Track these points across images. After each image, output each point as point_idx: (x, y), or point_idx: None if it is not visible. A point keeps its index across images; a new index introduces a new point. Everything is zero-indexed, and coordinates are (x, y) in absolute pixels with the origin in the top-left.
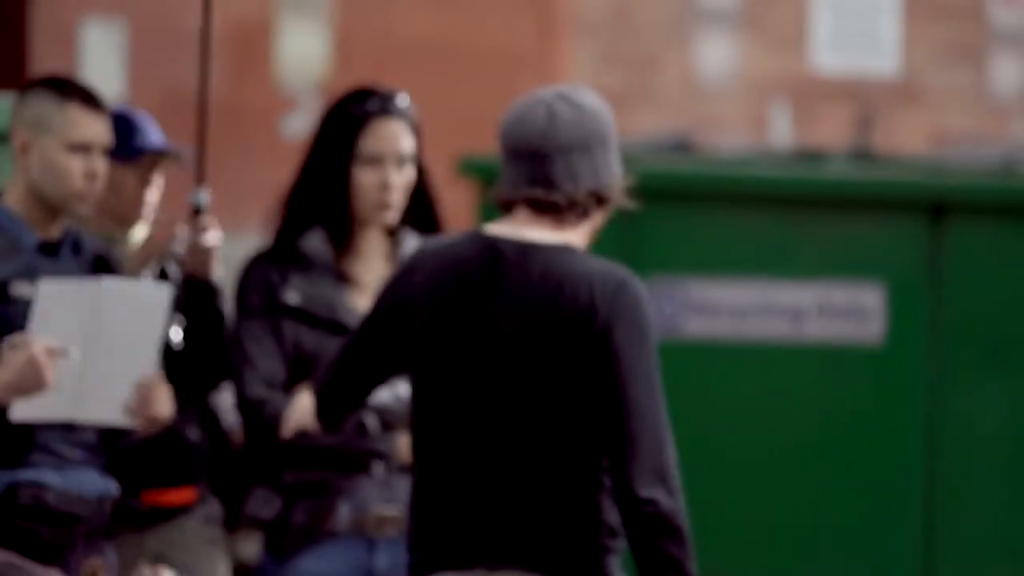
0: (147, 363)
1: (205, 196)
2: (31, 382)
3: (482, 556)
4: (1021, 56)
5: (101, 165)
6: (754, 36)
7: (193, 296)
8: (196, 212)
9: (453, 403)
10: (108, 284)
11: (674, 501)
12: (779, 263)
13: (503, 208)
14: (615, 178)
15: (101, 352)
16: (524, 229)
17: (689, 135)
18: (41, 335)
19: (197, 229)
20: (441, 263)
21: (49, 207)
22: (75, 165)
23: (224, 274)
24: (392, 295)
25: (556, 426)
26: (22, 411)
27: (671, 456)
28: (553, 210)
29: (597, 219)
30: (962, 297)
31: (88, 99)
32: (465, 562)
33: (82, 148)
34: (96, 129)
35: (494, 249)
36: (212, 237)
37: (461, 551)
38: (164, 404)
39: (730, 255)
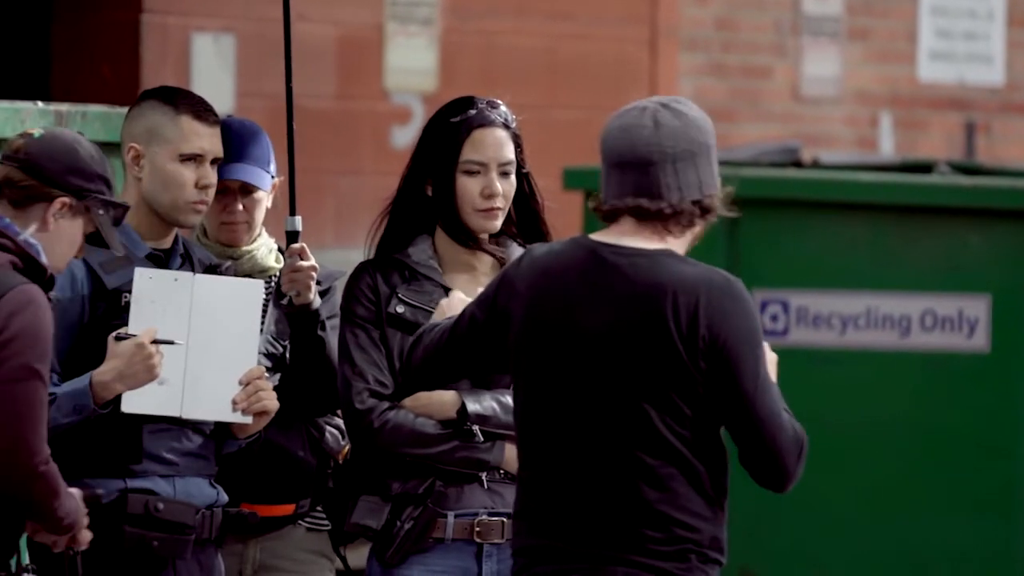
0: (248, 358)
1: (299, 222)
2: (141, 370)
3: (579, 562)
4: None
5: (212, 175)
6: (860, 47)
7: (293, 322)
8: (291, 238)
9: (556, 409)
10: (201, 278)
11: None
12: (885, 273)
13: (605, 219)
14: (716, 188)
15: (202, 346)
16: (627, 238)
17: (796, 145)
18: (141, 323)
19: (292, 255)
20: (544, 269)
21: (161, 217)
22: (187, 175)
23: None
24: (496, 298)
25: (660, 432)
26: (133, 404)
27: (789, 441)
28: (658, 219)
29: (699, 228)
30: None
31: (200, 110)
32: (563, 568)
33: (194, 158)
34: (208, 139)
35: (597, 255)
36: (308, 263)
37: (560, 557)
38: (270, 398)
39: (836, 265)
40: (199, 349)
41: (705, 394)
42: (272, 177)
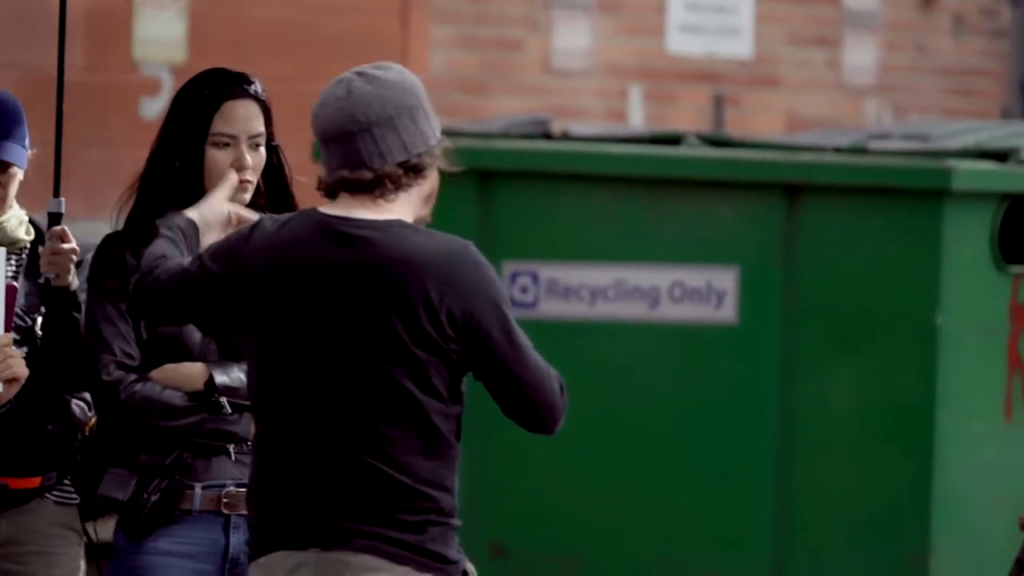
0: None
1: (63, 204)
2: None
3: (316, 536)
4: (876, 40)
5: None
6: (611, 19)
7: (50, 303)
8: (53, 220)
9: (295, 382)
10: None
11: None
12: (634, 245)
13: (326, 196)
14: (427, 146)
15: None
16: (350, 210)
17: (545, 118)
18: None
19: (54, 237)
20: (276, 243)
21: None
22: None
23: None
24: (229, 265)
25: (397, 405)
26: None
27: (553, 387)
28: (365, 188)
29: (425, 187)
30: (815, 278)
31: None
32: (299, 541)
33: None
34: None
35: (330, 228)
36: (68, 246)
37: (296, 531)
38: (19, 365)
39: (586, 237)
40: None
41: (455, 363)
42: (27, 151)
